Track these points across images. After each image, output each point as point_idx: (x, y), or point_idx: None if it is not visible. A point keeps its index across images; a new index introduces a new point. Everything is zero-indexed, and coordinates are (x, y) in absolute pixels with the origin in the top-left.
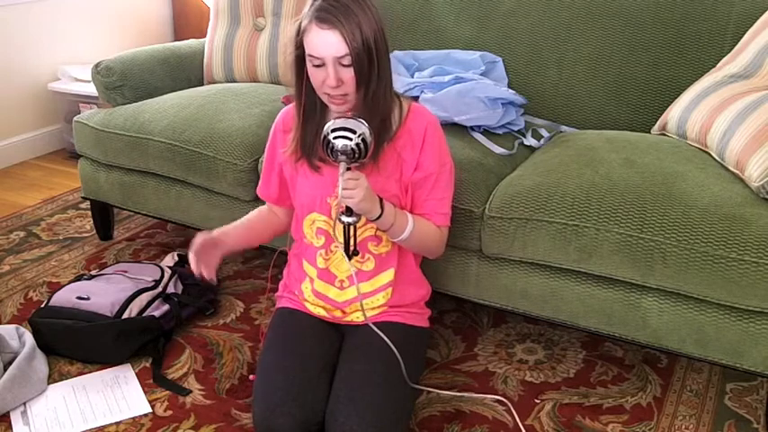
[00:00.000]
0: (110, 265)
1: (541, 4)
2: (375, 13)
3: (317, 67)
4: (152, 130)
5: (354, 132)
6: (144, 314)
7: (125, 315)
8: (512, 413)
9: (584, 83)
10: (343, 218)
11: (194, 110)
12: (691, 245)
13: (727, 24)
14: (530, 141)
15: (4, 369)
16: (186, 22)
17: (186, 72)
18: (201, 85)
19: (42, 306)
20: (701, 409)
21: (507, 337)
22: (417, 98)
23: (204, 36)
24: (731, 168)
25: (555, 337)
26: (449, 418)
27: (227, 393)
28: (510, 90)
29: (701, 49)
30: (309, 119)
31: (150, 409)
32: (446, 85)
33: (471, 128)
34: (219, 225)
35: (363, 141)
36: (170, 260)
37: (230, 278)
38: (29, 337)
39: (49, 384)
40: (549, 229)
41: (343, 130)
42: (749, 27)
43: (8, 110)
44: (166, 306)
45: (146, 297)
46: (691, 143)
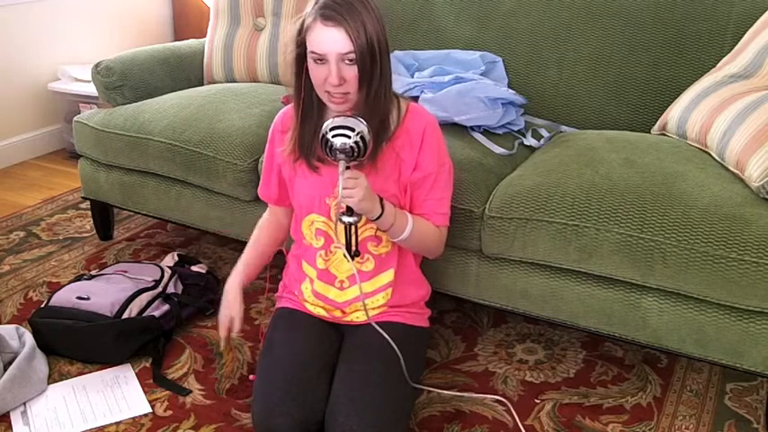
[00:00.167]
0: (110, 265)
1: (541, 4)
2: (378, 14)
3: (318, 64)
4: (152, 130)
5: (353, 130)
6: (144, 314)
7: (125, 315)
8: (512, 413)
9: (584, 83)
10: (344, 218)
11: (194, 110)
12: (691, 245)
13: (727, 24)
14: (530, 141)
15: (4, 369)
16: (186, 22)
17: (186, 72)
18: (201, 85)
19: (42, 306)
20: (700, 409)
21: (507, 337)
22: (417, 98)
23: (204, 36)
24: (731, 168)
25: (555, 337)
26: (449, 418)
27: (227, 393)
28: (510, 90)
29: (701, 49)
30: (307, 118)
31: (150, 409)
32: (446, 85)
33: (471, 128)
34: (219, 225)
35: (362, 139)
36: (170, 260)
37: None
38: (29, 337)
39: (49, 384)
40: (549, 229)
41: (342, 128)
42: (749, 27)
43: (8, 110)
44: (166, 306)
45: (146, 297)
46: (691, 143)
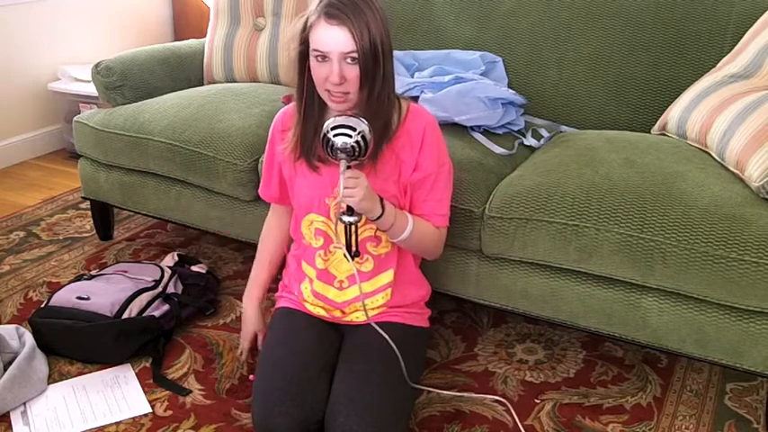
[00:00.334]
0: (110, 265)
1: (541, 4)
2: (382, 15)
3: (320, 62)
4: (152, 130)
5: (354, 130)
6: (144, 314)
7: (125, 315)
8: (511, 413)
9: (584, 83)
10: (344, 218)
11: (194, 110)
12: (691, 245)
13: (727, 24)
14: (530, 141)
15: (4, 369)
16: (186, 22)
17: (186, 72)
18: (201, 85)
19: (42, 306)
20: (701, 409)
21: (507, 337)
22: (417, 98)
23: (204, 36)
24: (731, 168)
25: (555, 337)
26: (449, 418)
27: (227, 393)
28: (510, 90)
29: (701, 49)
30: (309, 117)
31: (150, 409)
32: (446, 85)
33: (471, 128)
34: (219, 225)
35: (363, 139)
36: (170, 260)
37: (230, 278)
38: (29, 337)
39: (49, 384)
40: (549, 229)
41: (343, 127)
42: (749, 27)
43: (8, 110)
44: (166, 306)
45: (146, 297)
46: (691, 143)
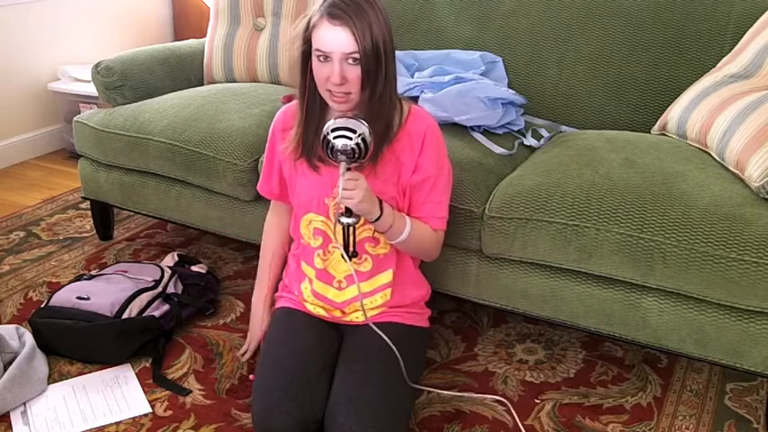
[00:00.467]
0: (110, 265)
1: (541, 4)
2: (385, 17)
3: (322, 62)
4: (152, 130)
5: (354, 132)
6: (144, 314)
7: (125, 315)
8: (512, 413)
9: (584, 83)
10: (343, 219)
11: (194, 110)
12: (691, 245)
13: (727, 24)
14: (530, 141)
15: (4, 369)
16: (186, 22)
17: (186, 72)
18: (201, 85)
19: (42, 306)
20: (701, 409)
21: (507, 337)
22: (417, 98)
23: (204, 36)
24: (731, 168)
25: (555, 337)
26: (449, 418)
27: (227, 393)
28: (510, 90)
29: (701, 49)
30: (310, 117)
31: (150, 409)
32: (446, 85)
33: (471, 128)
34: (219, 225)
35: (363, 141)
36: (170, 260)
37: (230, 278)
38: (29, 337)
39: (49, 384)
40: (549, 229)
41: (344, 129)
42: (749, 27)
43: (8, 110)
44: (166, 306)
45: (146, 297)
46: (691, 143)
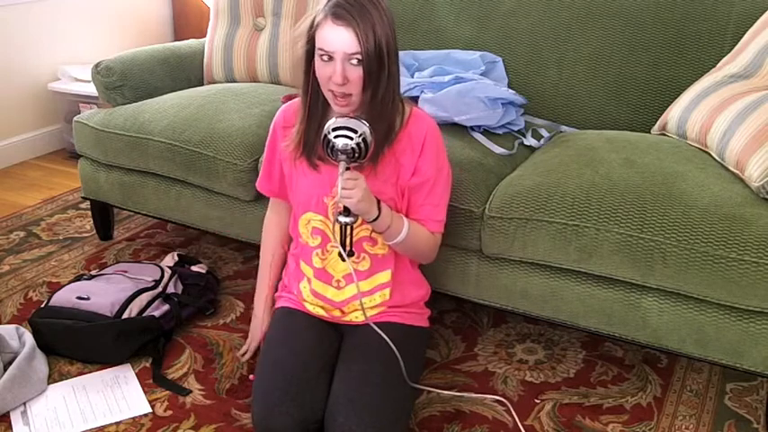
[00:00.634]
0: (110, 265)
1: (541, 4)
2: (390, 19)
3: (325, 62)
4: (152, 130)
5: (355, 132)
6: (144, 314)
7: (125, 315)
8: (511, 413)
9: (584, 83)
10: (341, 218)
11: (194, 110)
12: (691, 245)
13: (727, 24)
14: (530, 141)
15: (4, 369)
16: (186, 22)
17: (186, 72)
18: (201, 85)
19: (42, 306)
20: (700, 409)
21: (507, 337)
22: (417, 98)
23: (204, 36)
24: (731, 168)
25: (555, 337)
26: (449, 418)
27: (227, 393)
28: (510, 90)
29: (701, 49)
30: (312, 116)
31: (150, 409)
32: (446, 85)
33: (471, 128)
34: (219, 225)
35: (364, 141)
36: (170, 260)
37: (230, 278)
38: (29, 337)
39: (49, 384)
40: (549, 229)
41: (344, 129)
42: (749, 27)
43: (8, 110)
44: (166, 306)
45: (146, 297)
46: (691, 143)
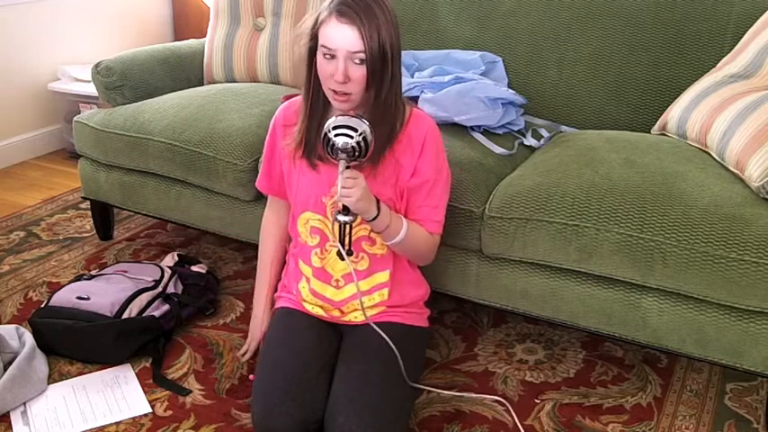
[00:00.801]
0: (110, 265)
1: (541, 4)
2: (394, 21)
3: (328, 59)
4: (152, 130)
5: (356, 131)
6: (144, 314)
7: (125, 315)
8: (511, 413)
9: (584, 83)
10: (340, 217)
11: (194, 110)
12: (691, 245)
13: (727, 24)
14: (530, 141)
15: (4, 369)
16: (186, 22)
17: (186, 72)
18: (201, 85)
19: (42, 306)
20: (701, 409)
21: (507, 337)
22: (417, 98)
23: (204, 36)
24: (731, 168)
25: (555, 337)
26: (449, 418)
27: (227, 393)
28: (510, 90)
29: (701, 49)
30: (313, 114)
31: (150, 409)
32: (446, 85)
33: (471, 128)
34: (219, 225)
35: (364, 140)
36: (170, 260)
37: (230, 278)
38: (29, 337)
39: (49, 384)
40: (549, 229)
41: (345, 127)
42: (749, 27)
43: (8, 110)
44: (166, 306)
45: (146, 297)
46: (691, 143)
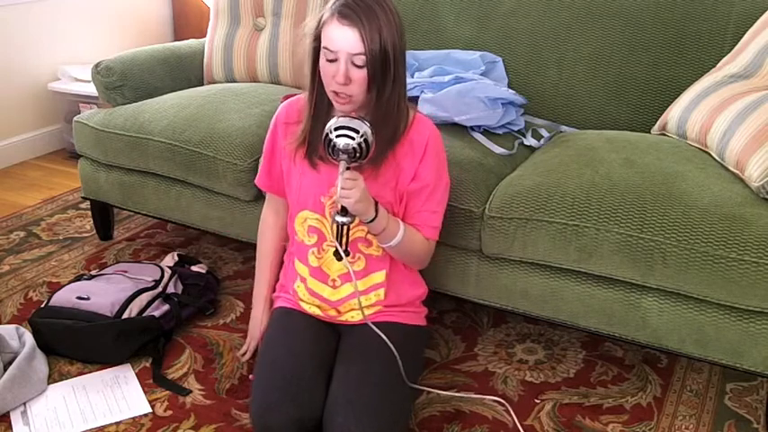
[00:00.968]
0: (110, 265)
1: (541, 4)
2: (397, 22)
3: (330, 61)
4: (152, 130)
5: (357, 132)
6: (144, 314)
7: (125, 315)
8: (511, 413)
9: (584, 83)
10: (338, 217)
11: (194, 110)
12: (691, 245)
13: (727, 24)
14: (530, 141)
15: (4, 369)
16: (186, 22)
17: (186, 72)
18: (201, 85)
19: (42, 306)
20: (700, 409)
21: (507, 337)
22: (417, 98)
23: (204, 36)
24: (731, 168)
25: (555, 337)
26: (449, 418)
27: (227, 393)
28: (510, 90)
29: (701, 49)
30: (317, 115)
31: (150, 409)
32: (446, 85)
33: (471, 128)
34: (219, 225)
35: (365, 142)
36: (170, 260)
37: (230, 278)
38: (29, 337)
39: (49, 384)
40: (549, 229)
41: (346, 129)
42: (749, 27)
43: (8, 110)
44: (166, 306)
45: (146, 297)
46: (691, 143)
